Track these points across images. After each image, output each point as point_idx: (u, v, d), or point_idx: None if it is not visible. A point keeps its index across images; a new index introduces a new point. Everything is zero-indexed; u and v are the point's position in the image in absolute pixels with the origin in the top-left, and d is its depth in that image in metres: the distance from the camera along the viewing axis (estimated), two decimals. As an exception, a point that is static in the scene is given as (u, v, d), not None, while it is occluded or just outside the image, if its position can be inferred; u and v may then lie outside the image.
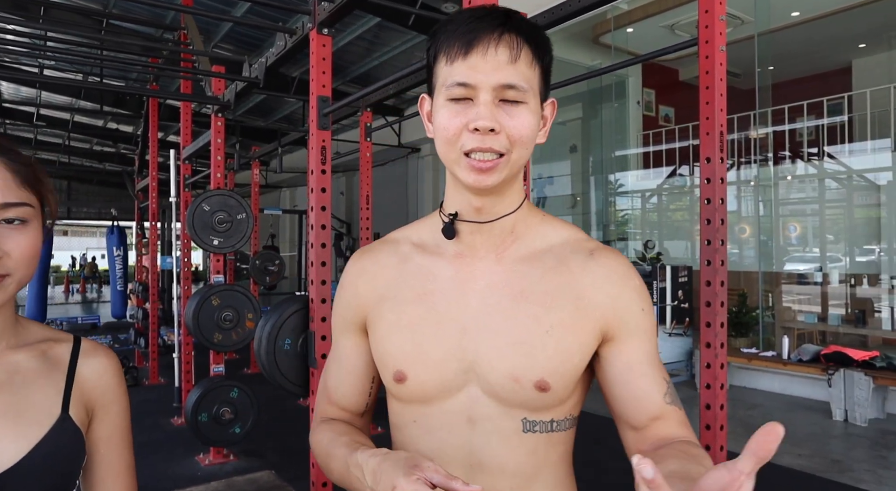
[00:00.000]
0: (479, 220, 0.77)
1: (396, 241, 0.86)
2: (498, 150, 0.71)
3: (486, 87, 0.70)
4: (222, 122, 3.68)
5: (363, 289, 0.84)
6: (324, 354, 2.35)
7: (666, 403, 0.75)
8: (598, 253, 0.79)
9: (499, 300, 0.76)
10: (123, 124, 15.99)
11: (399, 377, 0.78)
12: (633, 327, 0.77)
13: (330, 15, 2.29)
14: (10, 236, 0.67)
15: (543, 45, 0.74)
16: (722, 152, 2.20)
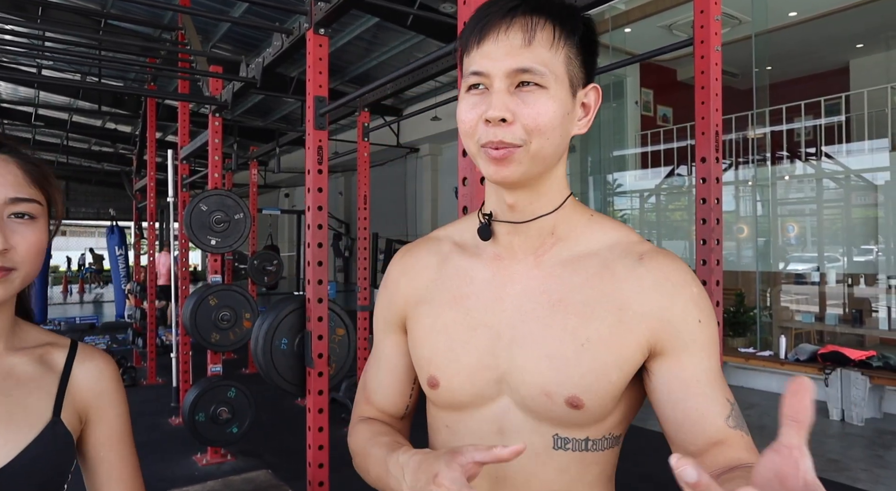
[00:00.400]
0: (515, 221, 0.73)
1: (439, 239, 0.83)
2: (511, 143, 0.66)
3: (498, 74, 0.66)
4: (220, 121, 3.69)
5: (404, 289, 0.82)
6: (320, 353, 2.35)
7: (729, 426, 0.67)
8: (649, 257, 0.71)
9: (534, 307, 0.72)
10: (122, 124, 15.99)
11: (432, 383, 0.75)
12: (688, 341, 0.69)
13: (326, 15, 2.29)
14: (18, 231, 0.69)
15: (571, 23, 0.67)
16: (717, 152, 2.21)
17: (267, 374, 2.38)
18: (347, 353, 2.52)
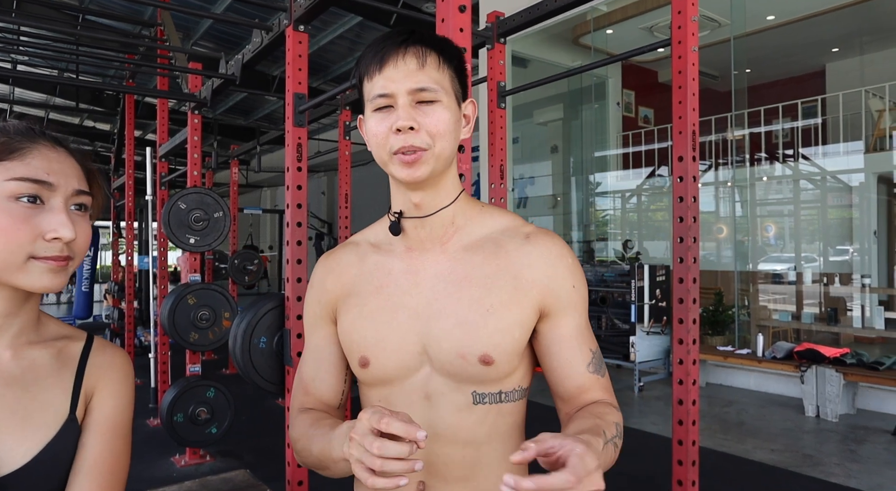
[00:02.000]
0: (420, 215, 0.86)
1: (357, 242, 0.95)
2: (419, 147, 0.79)
3: (401, 92, 0.79)
4: (199, 119, 3.65)
5: (331, 286, 0.93)
6: (299, 351, 2.34)
7: (589, 372, 0.84)
8: (534, 236, 0.86)
9: (445, 286, 0.84)
10: (100, 122, 15.76)
11: (363, 362, 0.86)
12: (566, 303, 0.85)
13: (306, 12, 2.28)
14: (78, 222, 0.72)
15: (449, 51, 0.83)
16: (694, 151, 2.23)
17: (245, 373, 2.36)
18: (327, 351, 2.51)
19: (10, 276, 0.68)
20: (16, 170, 0.69)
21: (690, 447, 2.17)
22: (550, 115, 9.04)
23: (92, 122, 15.71)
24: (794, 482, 3.41)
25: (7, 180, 0.68)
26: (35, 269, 0.69)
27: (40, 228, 0.69)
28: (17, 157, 0.70)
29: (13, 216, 0.68)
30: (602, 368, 0.86)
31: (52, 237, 0.69)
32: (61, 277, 0.70)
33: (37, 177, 0.70)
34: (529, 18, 2.77)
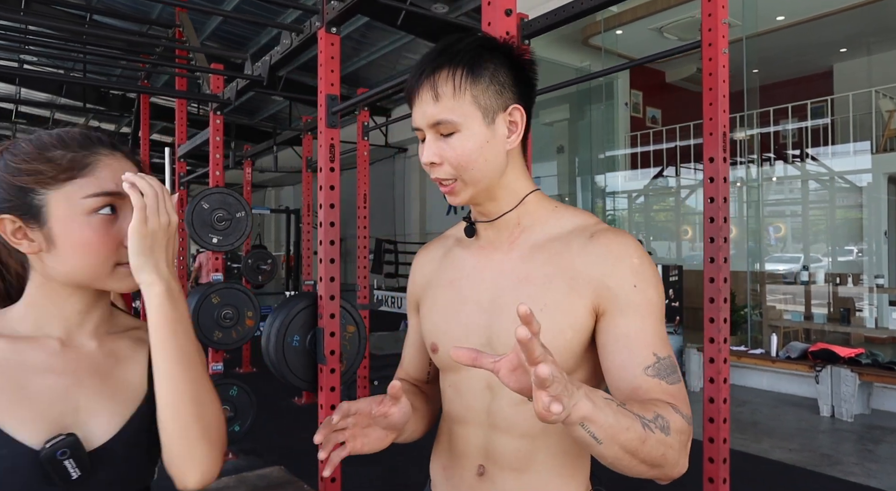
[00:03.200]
0: (486, 220, 0.91)
1: (447, 237, 1.02)
2: (445, 179, 0.83)
3: (426, 128, 0.83)
4: (221, 119, 3.67)
5: (418, 277, 1.02)
6: (332, 350, 2.36)
7: (647, 375, 0.77)
8: (599, 235, 0.85)
9: (508, 284, 0.87)
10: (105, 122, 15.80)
11: (433, 348, 0.93)
12: (623, 303, 0.81)
13: (338, 14, 2.30)
14: None
15: (471, 64, 0.81)
16: (725, 152, 2.25)
17: (279, 371, 2.38)
18: (358, 350, 2.53)
19: (101, 283, 0.75)
20: (89, 186, 0.73)
21: (721, 445, 2.19)
22: (556, 116, 9.06)
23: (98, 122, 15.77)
24: (815, 481, 3.43)
25: (84, 198, 0.72)
26: (120, 273, 0.75)
27: (120, 236, 0.74)
28: (88, 173, 0.73)
29: (97, 230, 0.73)
30: (671, 377, 0.78)
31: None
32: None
33: (110, 189, 0.74)
34: (555, 20, 2.79)
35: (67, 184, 0.73)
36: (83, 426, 0.72)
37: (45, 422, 0.69)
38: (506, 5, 1.56)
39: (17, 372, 0.71)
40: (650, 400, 0.74)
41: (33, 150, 0.73)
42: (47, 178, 0.72)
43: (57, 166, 0.73)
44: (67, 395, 0.73)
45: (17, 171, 0.72)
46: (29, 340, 0.74)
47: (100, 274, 0.74)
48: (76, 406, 0.73)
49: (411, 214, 14.39)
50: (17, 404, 0.69)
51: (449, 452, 0.94)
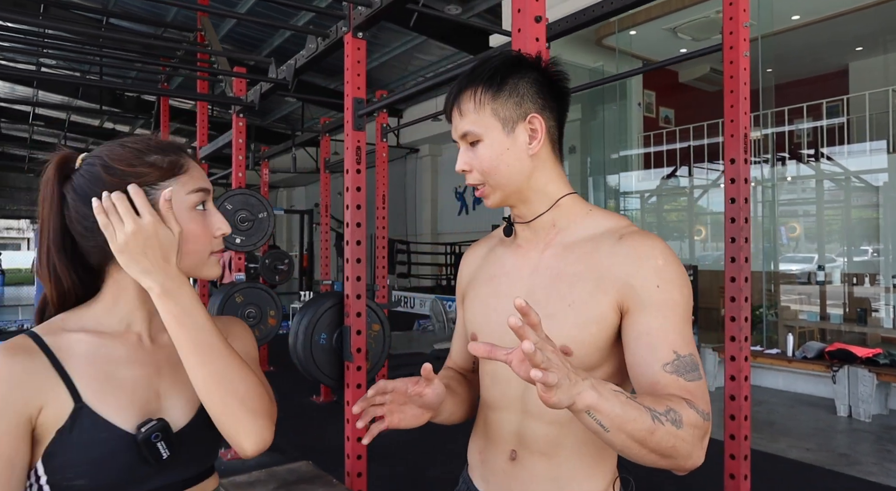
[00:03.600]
0: (522, 221, 0.98)
1: (492, 236, 1.09)
2: (475, 184, 0.94)
3: (458, 139, 0.94)
4: (244, 122, 3.74)
5: (465, 273, 1.10)
6: (359, 347, 2.42)
7: (665, 372, 0.81)
8: (627, 237, 0.90)
9: (541, 281, 0.94)
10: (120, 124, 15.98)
11: (473, 338, 1.01)
12: (646, 302, 0.85)
13: (365, 20, 2.35)
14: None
15: (489, 82, 0.90)
16: (746, 153, 2.28)
17: (306, 368, 2.44)
18: (382, 347, 2.58)
19: (198, 271, 0.82)
20: (189, 183, 0.81)
21: (743, 442, 2.23)
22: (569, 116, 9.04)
23: (112, 123, 15.96)
24: (833, 481, 3.44)
25: (188, 193, 0.80)
26: (212, 261, 0.84)
27: (211, 228, 0.83)
28: (185, 172, 0.82)
29: (198, 223, 0.81)
30: (690, 374, 0.81)
31: (220, 233, 0.84)
32: (221, 265, 0.87)
33: (203, 186, 0.83)
34: (575, 24, 2.83)
35: (172, 182, 0.80)
36: (165, 412, 0.79)
37: (134, 409, 0.76)
38: (535, 12, 1.61)
39: (106, 364, 0.77)
40: (666, 395, 0.78)
41: (132, 156, 0.79)
42: (154, 179, 0.79)
43: (159, 168, 0.79)
44: (150, 384, 0.80)
45: (124, 172, 0.78)
46: (114, 335, 0.80)
47: (200, 263, 0.82)
48: (157, 394, 0.80)
49: (423, 215, 14.45)
50: (110, 394, 0.76)
51: (485, 438, 1.00)
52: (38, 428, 0.72)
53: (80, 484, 0.72)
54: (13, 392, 0.71)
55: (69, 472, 0.71)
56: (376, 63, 10.50)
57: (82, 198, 0.78)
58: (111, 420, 0.74)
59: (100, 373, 0.76)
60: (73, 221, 0.80)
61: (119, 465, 0.73)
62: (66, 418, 0.72)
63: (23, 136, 16.80)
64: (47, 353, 0.75)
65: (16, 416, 0.70)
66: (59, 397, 0.73)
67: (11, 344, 0.75)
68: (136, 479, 0.75)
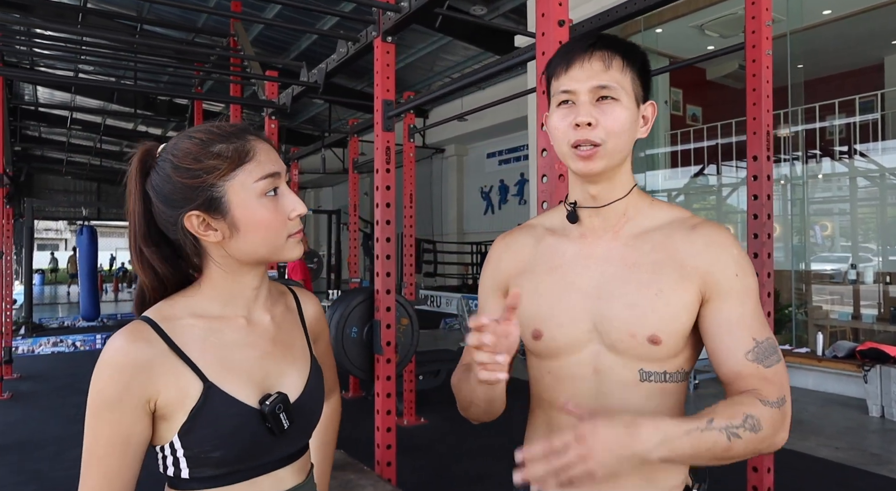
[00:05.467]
0: (595, 206, 0.94)
1: (532, 226, 1.05)
2: (594, 141, 0.87)
3: (583, 91, 0.88)
4: (276, 124, 3.87)
5: (505, 264, 1.02)
6: (388, 341, 2.50)
7: (747, 360, 0.84)
8: (700, 226, 0.92)
9: (615, 270, 0.92)
10: (153, 127, 16.42)
11: (536, 335, 0.94)
12: (727, 289, 0.87)
13: (394, 24, 2.44)
14: None
15: (632, 54, 0.90)
16: (768, 150, 2.31)
17: (338, 361, 2.54)
18: (411, 341, 2.67)
19: (277, 255, 0.85)
20: (256, 170, 0.81)
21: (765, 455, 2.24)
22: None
23: (145, 126, 16.40)
24: (862, 480, 3.41)
25: (256, 181, 0.81)
26: (290, 244, 0.85)
27: (285, 211, 0.83)
28: (251, 158, 0.82)
29: (270, 210, 0.82)
30: (769, 359, 0.85)
31: (296, 215, 0.84)
32: (302, 245, 0.88)
33: (272, 171, 0.83)
34: (600, 24, 2.88)
35: (239, 172, 0.81)
36: (279, 387, 0.85)
37: (253, 386, 0.82)
38: (559, 16, 1.67)
39: (220, 347, 0.83)
40: (742, 398, 0.82)
41: (197, 149, 0.80)
42: (222, 171, 0.80)
43: (226, 158, 0.80)
44: (262, 363, 0.85)
45: (191, 171, 0.80)
46: (221, 319, 0.85)
47: (278, 247, 0.83)
48: (268, 372, 0.85)
49: (449, 215, 14.54)
50: (231, 373, 0.81)
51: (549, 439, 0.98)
52: (160, 409, 0.78)
53: (216, 456, 0.78)
54: (135, 377, 0.76)
55: (206, 445, 0.78)
56: (402, 64, 10.61)
57: (160, 195, 0.82)
58: (237, 397, 0.80)
59: (217, 355, 0.81)
60: (158, 216, 0.83)
61: (248, 437, 0.79)
62: (197, 398, 0.78)
63: (61, 139, 17.36)
64: (165, 338, 0.79)
65: (136, 398, 0.76)
66: (185, 380, 0.78)
67: (131, 331, 0.79)
68: (261, 449, 0.81)
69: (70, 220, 29.51)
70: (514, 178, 12.94)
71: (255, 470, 0.82)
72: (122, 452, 0.76)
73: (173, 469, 0.80)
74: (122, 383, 0.76)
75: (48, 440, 4.22)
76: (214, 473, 0.80)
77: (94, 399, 0.77)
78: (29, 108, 13.56)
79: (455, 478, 3.42)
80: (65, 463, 3.75)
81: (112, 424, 0.76)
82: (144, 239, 0.83)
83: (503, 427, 1.19)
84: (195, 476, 0.80)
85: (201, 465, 0.79)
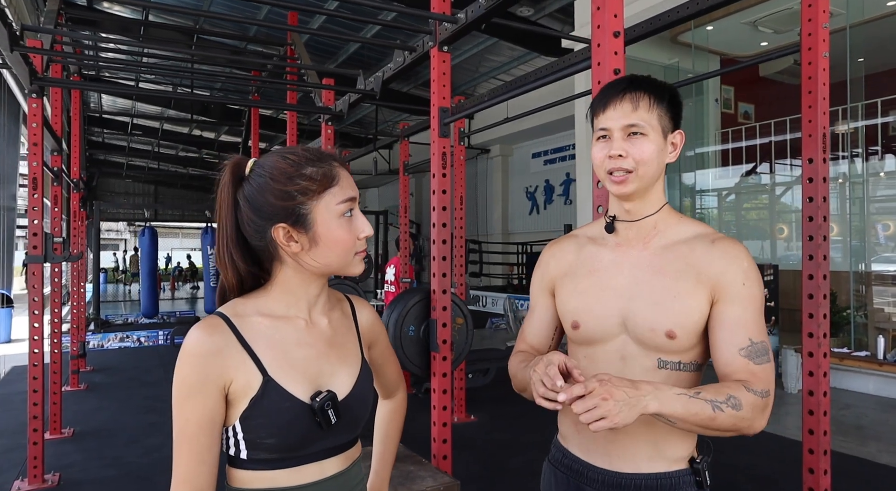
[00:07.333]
0: (630, 220, 1.12)
1: (576, 235, 1.23)
2: (626, 169, 1.05)
3: (616, 128, 1.06)
4: (332, 129, 4.03)
5: (553, 268, 1.21)
6: (444, 339, 2.61)
7: (740, 355, 1.00)
8: (719, 242, 1.07)
9: (643, 275, 1.08)
10: (207, 131, 17.06)
11: (575, 325, 1.13)
12: (734, 295, 1.02)
13: (451, 35, 2.54)
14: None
15: (659, 93, 1.06)
16: (825, 153, 2.30)
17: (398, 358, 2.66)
18: (466, 339, 2.76)
19: (345, 269, 0.96)
20: (339, 194, 0.92)
21: (822, 437, 2.25)
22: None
23: (199, 131, 17.07)
24: (925, 486, 3.33)
25: (338, 204, 0.91)
26: (356, 260, 0.95)
27: (356, 232, 0.93)
28: (336, 183, 0.92)
29: (347, 230, 0.92)
30: (759, 358, 0.99)
31: (364, 236, 0.94)
32: (364, 263, 0.98)
33: (352, 196, 0.93)
34: (651, 29, 2.91)
35: (326, 194, 0.90)
36: (330, 385, 0.93)
37: (306, 382, 0.91)
38: (614, 28, 1.74)
39: (282, 345, 0.91)
40: (729, 383, 0.97)
41: (291, 170, 0.90)
42: (311, 192, 0.90)
43: (315, 181, 0.90)
44: (317, 362, 0.94)
45: (285, 188, 0.89)
46: (284, 319, 0.94)
47: (346, 263, 0.93)
48: (321, 371, 0.94)
49: (493, 215, 14.60)
50: (289, 369, 0.90)
51: None
52: (230, 395, 0.87)
53: (270, 443, 0.87)
54: (214, 365, 0.86)
55: (262, 432, 0.87)
56: (449, 66, 10.73)
57: (252, 205, 0.90)
58: (292, 392, 0.88)
59: (278, 352, 0.90)
60: (244, 223, 0.91)
61: (299, 428, 0.88)
62: (257, 389, 0.87)
63: (122, 144, 18.22)
64: (235, 332, 0.89)
65: (214, 384, 0.86)
66: (249, 371, 0.87)
67: (207, 324, 0.89)
68: (310, 440, 0.90)
69: (129, 221, 30.85)
70: (560, 177, 12.88)
71: (303, 458, 0.90)
72: (209, 432, 0.86)
73: (234, 449, 0.89)
74: (203, 370, 0.85)
75: (124, 428, 4.51)
76: (267, 457, 0.88)
77: (179, 386, 0.86)
78: (94, 116, 14.29)
79: (507, 472, 3.50)
80: (140, 450, 4.02)
81: (198, 407, 0.85)
82: (234, 242, 0.92)
83: (550, 423, 1.31)
84: (252, 458, 0.89)
85: (257, 449, 0.88)
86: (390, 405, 1.21)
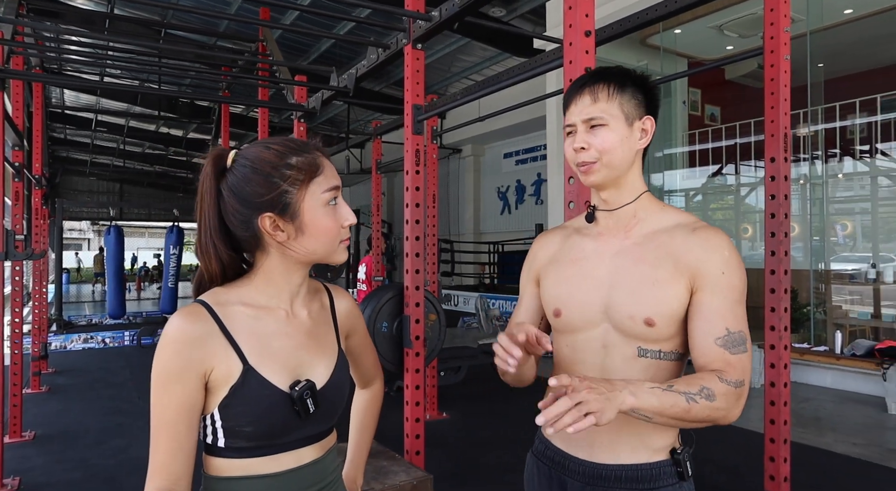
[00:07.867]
0: (608, 209, 1.13)
1: (565, 227, 1.26)
2: (589, 161, 1.07)
3: (579, 122, 1.08)
4: (304, 127, 4.00)
5: (539, 256, 1.23)
6: (417, 335, 2.62)
7: (716, 345, 1.00)
8: (700, 230, 1.07)
9: (623, 263, 1.09)
10: (174, 129, 16.73)
11: (556, 313, 1.14)
12: (712, 284, 1.02)
13: (425, 32, 2.56)
14: None
15: (620, 81, 1.07)
16: (786, 152, 2.39)
17: (370, 353, 2.66)
18: (439, 336, 2.78)
19: (330, 257, 0.96)
20: (324, 183, 0.93)
21: (781, 426, 2.33)
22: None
23: (167, 128, 16.72)
24: (880, 474, 3.47)
25: (324, 192, 0.93)
26: (341, 248, 0.97)
27: (341, 220, 0.95)
28: (321, 173, 0.93)
29: (331, 217, 0.94)
30: (735, 348, 0.99)
31: (348, 224, 0.96)
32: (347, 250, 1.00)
33: (336, 184, 0.95)
34: (621, 30, 2.97)
35: (311, 183, 0.92)
36: (308, 375, 0.94)
37: (286, 372, 0.92)
38: (585, 27, 1.78)
39: (262, 335, 0.92)
40: (703, 374, 0.98)
41: (277, 159, 0.90)
42: (298, 181, 0.91)
43: (301, 170, 0.91)
44: (296, 352, 0.95)
45: (270, 177, 0.90)
46: (266, 309, 0.95)
47: (331, 250, 0.95)
48: (300, 361, 0.95)
49: (465, 214, 14.64)
50: (268, 359, 0.91)
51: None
52: (210, 383, 0.88)
53: (248, 430, 0.89)
54: (195, 351, 0.86)
55: (240, 420, 0.88)
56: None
57: (236, 195, 0.90)
58: (271, 381, 0.89)
59: (259, 341, 0.91)
60: (227, 214, 0.92)
61: (278, 417, 0.89)
62: (237, 377, 0.88)
63: (85, 141, 17.74)
64: (217, 320, 0.89)
65: (195, 371, 0.86)
66: (229, 359, 0.88)
67: (189, 311, 0.89)
68: (289, 429, 0.91)
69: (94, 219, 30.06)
70: (531, 178, 13.00)
71: (281, 447, 0.91)
72: (188, 419, 0.87)
73: (212, 437, 0.90)
74: (184, 356, 0.86)
75: (88, 430, 4.40)
76: (245, 445, 0.89)
77: (159, 373, 0.86)
78: (56, 111, 13.89)
79: (479, 468, 3.53)
80: (106, 451, 3.93)
81: (178, 393, 0.85)
82: (217, 232, 0.92)
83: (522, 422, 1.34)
84: (229, 446, 0.90)
85: (235, 436, 0.89)
86: (367, 395, 1.22)
